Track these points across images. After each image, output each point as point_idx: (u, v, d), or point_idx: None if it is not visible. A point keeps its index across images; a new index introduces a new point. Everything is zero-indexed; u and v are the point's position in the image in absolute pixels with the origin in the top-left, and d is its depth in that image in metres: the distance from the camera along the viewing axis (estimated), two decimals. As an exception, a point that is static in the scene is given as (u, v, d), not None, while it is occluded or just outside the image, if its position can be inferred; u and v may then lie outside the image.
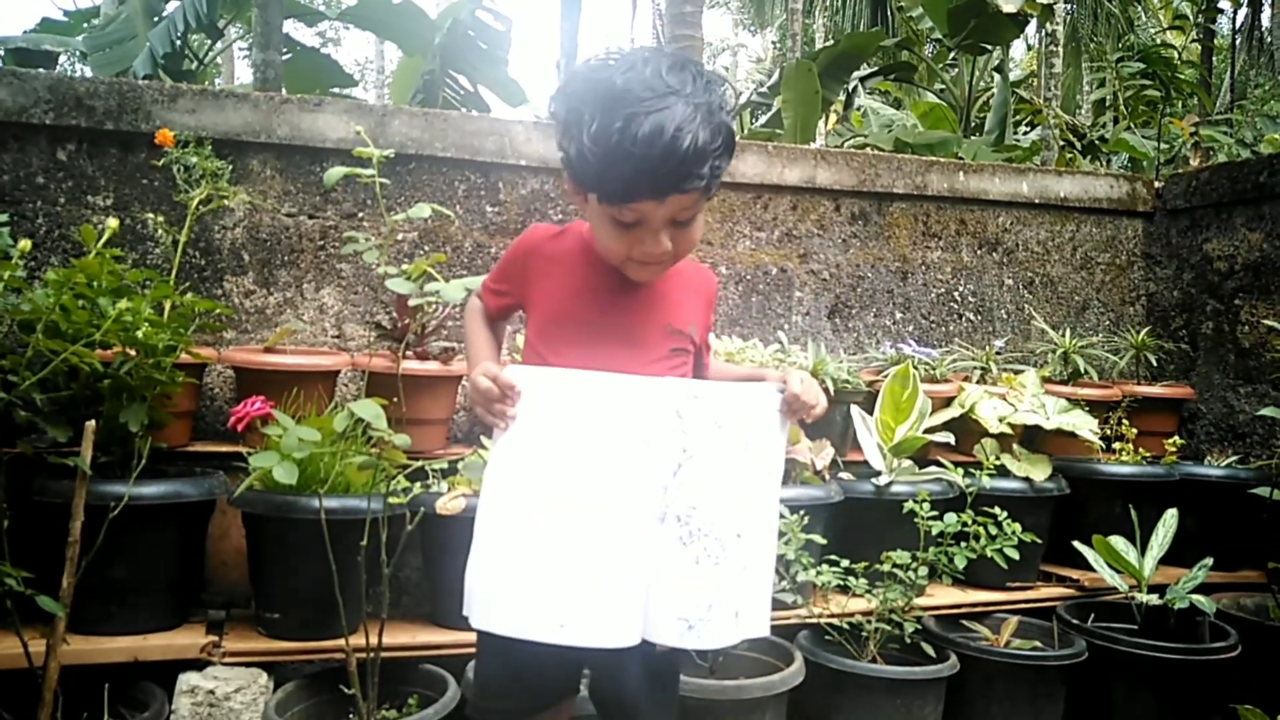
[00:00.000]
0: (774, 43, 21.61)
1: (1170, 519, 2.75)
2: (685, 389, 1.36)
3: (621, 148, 1.23)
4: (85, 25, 8.15)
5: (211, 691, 2.01)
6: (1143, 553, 2.71)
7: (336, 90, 7.90)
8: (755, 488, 1.38)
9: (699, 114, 1.26)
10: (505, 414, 1.34)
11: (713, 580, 1.33)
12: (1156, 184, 3.70)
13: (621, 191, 1.28)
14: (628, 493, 1.32)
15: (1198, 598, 2.55)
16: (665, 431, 1.33)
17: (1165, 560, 2.73)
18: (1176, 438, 3.12)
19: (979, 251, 3.47)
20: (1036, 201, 3.51)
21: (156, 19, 6.65)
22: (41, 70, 2.65)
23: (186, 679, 2.02)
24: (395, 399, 1.92)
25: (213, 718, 2.00)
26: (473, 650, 1.68)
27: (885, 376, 2.80)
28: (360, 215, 2.72)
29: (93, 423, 1.82)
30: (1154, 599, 2.62)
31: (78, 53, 7.83)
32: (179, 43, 6.44)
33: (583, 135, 1.28)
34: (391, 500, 2.05)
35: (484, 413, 1.37)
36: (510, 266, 1.56)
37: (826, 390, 2.73)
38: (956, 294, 3.43)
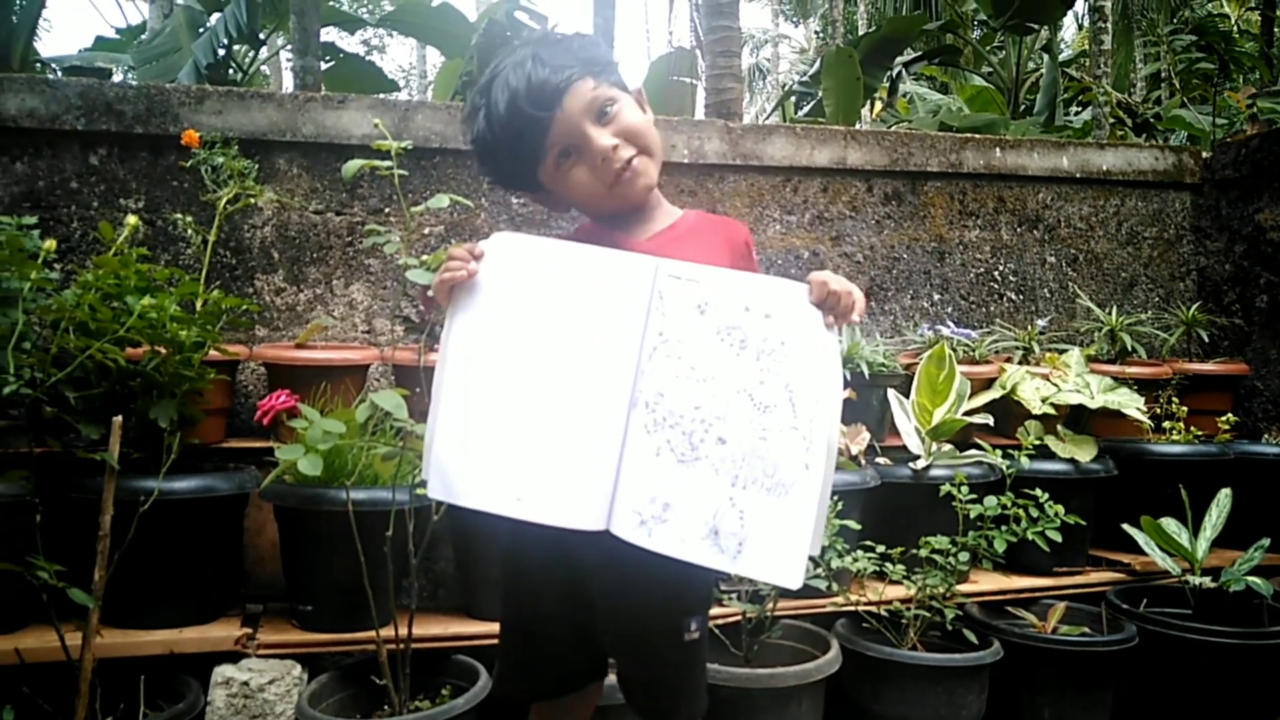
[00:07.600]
0: (817, 32, 21.42)
1: (1224, 499, 2.65)
2: (670, 268, 1.27)
3: (496, 109, 1.36)
4: (136, 42, 8.34)
5: (246, 683, 2.03)
6: (1195, 534, 2.61)
7: (382, 97, 7.99)
8: (761, 394, 1.24)
9: (539, 43, 1.38)
10: (463, 268, 1.28)
11: (672, 478, 1.23)
12: (1204, 154, 3.57)
13: (531, 134, 1.35)
14: (595, 369, 1.26)
15: (1254, 579, 2.45)
16: (642, 310, 1.26)
17: (1220, 542, 2.63)
18: (1231, 416, 3.00)
19: (1019, 229, 3.37)
20: (1078, 176, 3.40)
21: (200, 30, 6.78)
22: (72, 77, 2.69)
23: (221, 671, 2.04)
24: (419, 390, 1.92)
25: (247, 709, 2.02)
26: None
27: (922, 359, 2.74)
28: (386, 210, 2.73)
29: (119, 418, 1.84)
30: (1208, 582, 2.53)
31: (127, 68, 8.02)
32: (222, 53, 6.56)
33: (494, 147, 1.40)
34: (419, 491, 2.04)
35: (438, 277, 1.30)
36: None
37: (861, 374, 2.69)
38: (996, 273, 3.35)
